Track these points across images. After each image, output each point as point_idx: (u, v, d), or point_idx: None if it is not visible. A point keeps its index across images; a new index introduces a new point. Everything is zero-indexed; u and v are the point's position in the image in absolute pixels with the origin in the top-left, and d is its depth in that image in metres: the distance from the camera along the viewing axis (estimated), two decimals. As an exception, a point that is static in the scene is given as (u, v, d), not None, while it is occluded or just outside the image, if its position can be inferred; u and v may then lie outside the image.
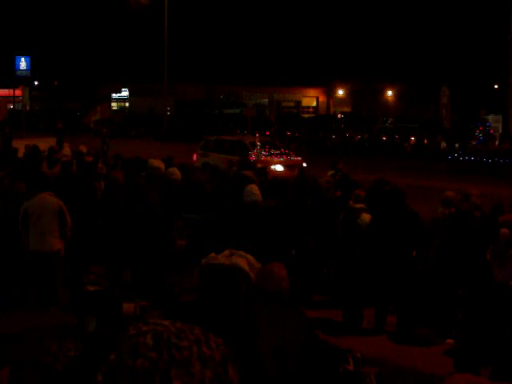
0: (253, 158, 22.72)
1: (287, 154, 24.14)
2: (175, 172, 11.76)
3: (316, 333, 4.92)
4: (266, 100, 66.97)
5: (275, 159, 23.17)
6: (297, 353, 4.68)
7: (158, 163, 12.07)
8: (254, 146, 23.98)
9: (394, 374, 7.75)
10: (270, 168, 21.01)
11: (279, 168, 22.15)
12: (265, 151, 23.74)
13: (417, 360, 8.33)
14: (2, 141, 26.08)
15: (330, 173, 14.36)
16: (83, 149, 17.33)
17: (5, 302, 9.74)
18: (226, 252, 6.86)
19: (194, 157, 24.35)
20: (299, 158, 23.92)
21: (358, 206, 9.62)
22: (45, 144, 18.70)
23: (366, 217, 9.49)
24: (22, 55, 46.65)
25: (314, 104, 79.47)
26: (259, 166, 14.10)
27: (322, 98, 79.18)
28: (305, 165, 22.75)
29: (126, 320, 5.09)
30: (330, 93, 78.37)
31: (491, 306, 8.02)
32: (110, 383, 1.41)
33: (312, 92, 79.23)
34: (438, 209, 9.82)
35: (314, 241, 10.66)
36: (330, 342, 7.18)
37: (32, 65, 46.71)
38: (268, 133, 44.69)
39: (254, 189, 9.76)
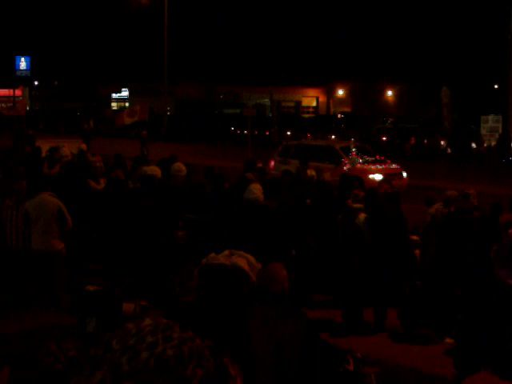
0: (347, 166, 20.48)
1: (384, 162, 21.56)
2: (181, 168, 11.54)
3: (316, 333, 4.91)
4: (266, 100, 66.93)
5: (373, 167, 20.53)
6: (297, 353, 4.68)
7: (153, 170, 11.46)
8: (346, 151, 21.52)
9: (394, 373, 7.75)
10: (368, 178, 18.95)
11: (378, 177, 18.46)
12: (360, 158, 21.13)
13: (417, 360, 8.33)
14: (26, 140, 23.91)
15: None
16: (84, 147, 17.29)
17: (5, 302, 9.74)
18: (226, 252, 6.86)
19: (272, 164, 21.60)
20: (398, 166, 21.49)
21: (356, 205, 9.60)
22: (71, 145, 17.09)
23: (363, 216, 9.50)
24: (22, 55, 46.71)
25: (314, 104, 79.47)
26: (259, 165, 13.63)
27: (321, 98, 79.18)
28: (405, 174, 20.87)
29: (126, 320, 5.07)
30: (330, 93, 78.35)
31: (491, 306, 8.02)
32: None
33: (312, 92, 79.24)
34: (438, 207, 9.80)
35: (314, 241, 10.65)
36: (330, 342, 7.18)
37: (32, 65, 46.77)
38: (268, 133, 44.61)
39: (255, 188, 9.75)
